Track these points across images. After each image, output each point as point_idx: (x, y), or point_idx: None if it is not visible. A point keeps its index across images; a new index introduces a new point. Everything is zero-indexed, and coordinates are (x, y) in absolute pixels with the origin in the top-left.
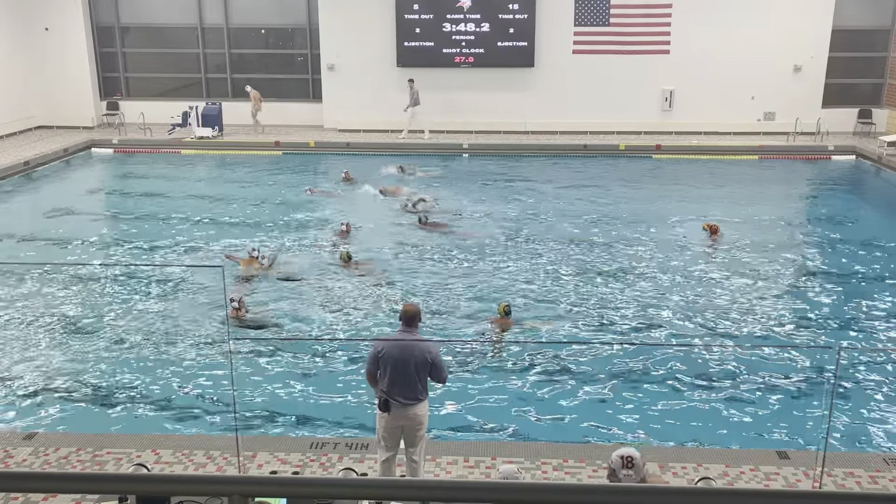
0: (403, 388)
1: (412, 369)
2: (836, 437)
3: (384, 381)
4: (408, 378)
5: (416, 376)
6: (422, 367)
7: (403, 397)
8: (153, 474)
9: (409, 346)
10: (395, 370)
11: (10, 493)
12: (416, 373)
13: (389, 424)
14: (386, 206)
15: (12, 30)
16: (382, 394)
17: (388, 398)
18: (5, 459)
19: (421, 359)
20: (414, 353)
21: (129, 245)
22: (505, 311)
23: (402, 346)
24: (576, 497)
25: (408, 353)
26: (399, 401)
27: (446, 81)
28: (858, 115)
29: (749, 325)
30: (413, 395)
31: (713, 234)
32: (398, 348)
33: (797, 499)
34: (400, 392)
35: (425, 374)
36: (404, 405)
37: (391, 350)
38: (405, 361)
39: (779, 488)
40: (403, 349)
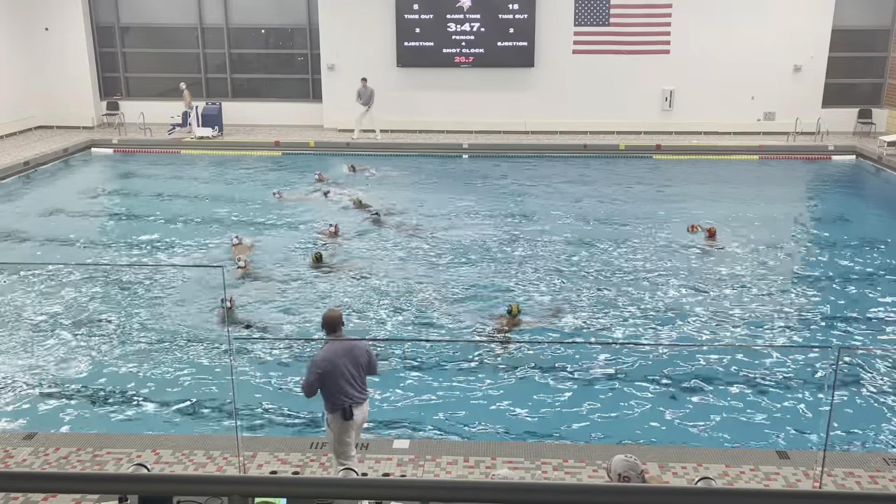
0: (357, 389)
1: (360, 369)
2: (836, 437)
3: (340, 390)
4: (359, 378)
5: (363, 375)
6: (365, 365)
7: (361, 397)
8: (153, 474)
9: (351, 348)
10: (347, 375)
11: (10, 493)
12: (362, 371)
13: (353, 429)
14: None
15: (12, 30)
16: (343, 402)
17: (351, 404)
18: (5, 459)
19: (364, 357)
20: (357, 353)
21: (129, 245)
22: (517, 311)
23: (345, 350)
24: (576, 497)
25: (353, 355)
26: (358, 402)
27: (446, 81)
28: (858, 115)
29: (749, 325)
30: (364, 393)
31: (711, 235)
32: (344, 354)
33: (797, 499)
34: (357, 394)
35: (366, 369)
36: (360, 405)
37: (336, 359)
38: (354, 364)
39: (779, 488)
40: (348, 353)
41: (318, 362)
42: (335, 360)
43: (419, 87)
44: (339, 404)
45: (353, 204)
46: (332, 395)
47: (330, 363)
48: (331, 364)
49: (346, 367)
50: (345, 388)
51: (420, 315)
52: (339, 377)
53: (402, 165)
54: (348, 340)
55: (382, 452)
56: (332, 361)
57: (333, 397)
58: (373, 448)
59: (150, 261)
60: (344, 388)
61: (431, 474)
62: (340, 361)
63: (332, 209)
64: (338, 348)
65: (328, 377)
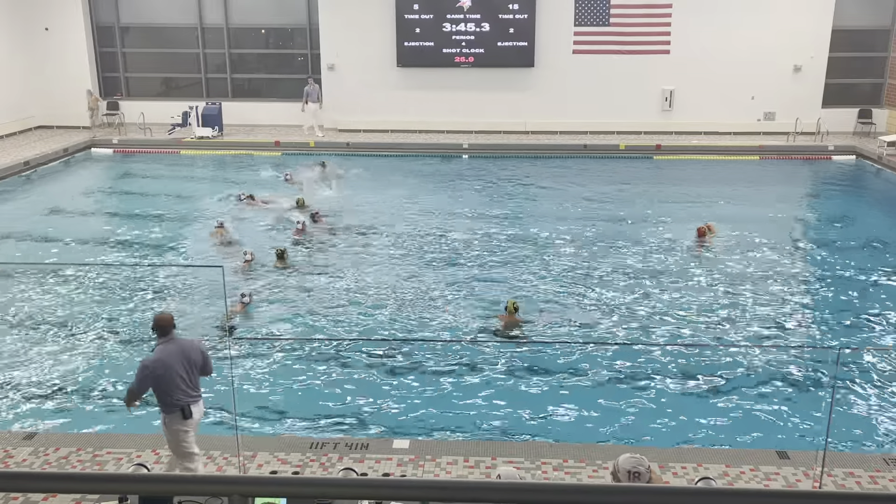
0: (192, 389)
1: (193, 370)
2: (836, 437)
3: (175, 391)
4: (193, 378)
5: (196, 375)
6: (199, 365)
7: (196, 396)
8: (153, 474)
9: (185, 349)
10: (181, 376)
11: (10, 493)
12: (196, 371)
13: (191, 427)
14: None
15: (12, 30)
16: (180, 402)
17: (189, 404)
18: (5, 459)
19: (198, 357)
20: (191, 354)
21: (128, 245)
22: (514, 308)
23: (178, 352)
24: (576, 497)
25: (186, 356)
26: (194, 401)
27: (446, 81)
28: (858, 115)
29: (749, 325)
30: (198, 391)
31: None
32: (177, 355)
33: (797, 499)
34: (192, 393)
35: (200, 369)
36: (196, 404)
37: (169, 361)
38: (188, 364)
39: (779, 488)
40: (181, 354)
41: (151, 365)
42: (168, 362)
43: (419, 87)
44: (176, 404)
45: (296, 203)
46: (167, 396)
47: (163, 365)
48: (164, 366)
49: (179, 369)
50: (180, 388)
51: (409, 314)
52: (174, 378)
53: (401, 166)
54: (181, 342)
55: (382, 452)
56: (164, 363)
57: (169, 398)
58: (373, 448)
59: (149, 261)
60: (179, 388)
61: (431, 474)
62: (174, 363)
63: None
64: (171, 350)
65: (162, 379)
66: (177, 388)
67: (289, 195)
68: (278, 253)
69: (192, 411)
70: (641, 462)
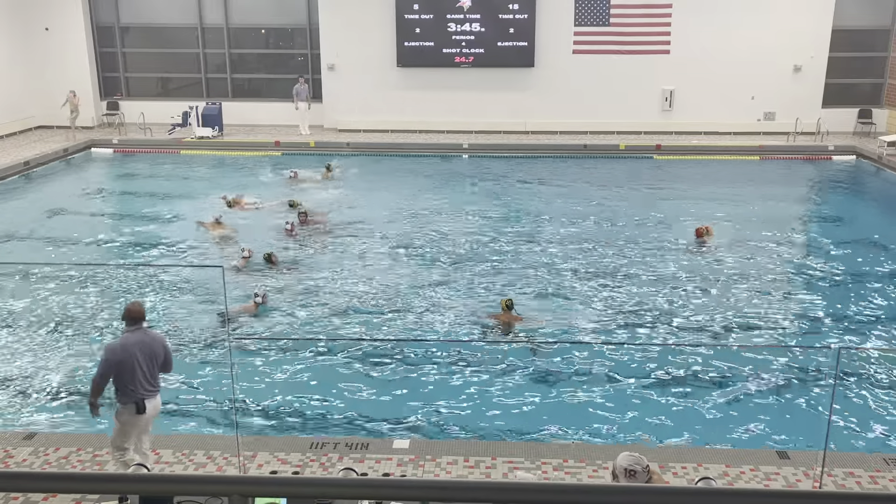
0: (150, 383)
1: (154, 364)
2: (836, 437)
3: (133, 383)
4: (152, 372)
5: (157, 368)
6: (160, 358)
7: (152, 391)
8: (153, 474)
9: (148, 341)
10: (141, 368)
11: (10, 493)
12: (156, 365)
13: (141, 423)
14: None
15: (12, 30)
16: (136, 395)
17: (144, 398)
18: (5, 459)
19: (160, 352)
20: (153, 347)
21: (128, 245)
22: (507, 306)
23: (140, 343)
24: (576, 497)
25: (149, 348)
26: (150, 395)
27: (446, 81)
28: (858, 115)
29: (749, 325)
30: (157, 385)
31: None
32: (140, 347)
33: (797, 499)
34: (150, 387)
35: (161, 364)
36: (153, 398)
37: (131, 351)
38: (149, 357)
39: (779, 488)
40: (144, 346)
41: (113, 350)
42: (131, 350)
43: (419, 87)
44: (131, 397)
45: (289, 204)
46: (124, 387)
47: (125, 352)
48: (127, 353)
49: (141, 358)
50: (138, 380)
51: (407, 314)
52: (134, 370)
53: (401, 166)
54: (146, 333)
55: (382, 452)
56: (127, 350)
57: (126, 389)
58: (373, 448)
59: (149, 261)
60: (137, 380)
61: (431, 474)
62: (136, 352)
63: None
64: (133, 341)
65: (123, 366)
66: (135, 379)
67: (277, 197)
68: (266, 257)
69: (145, 406)
70: (639, 461)
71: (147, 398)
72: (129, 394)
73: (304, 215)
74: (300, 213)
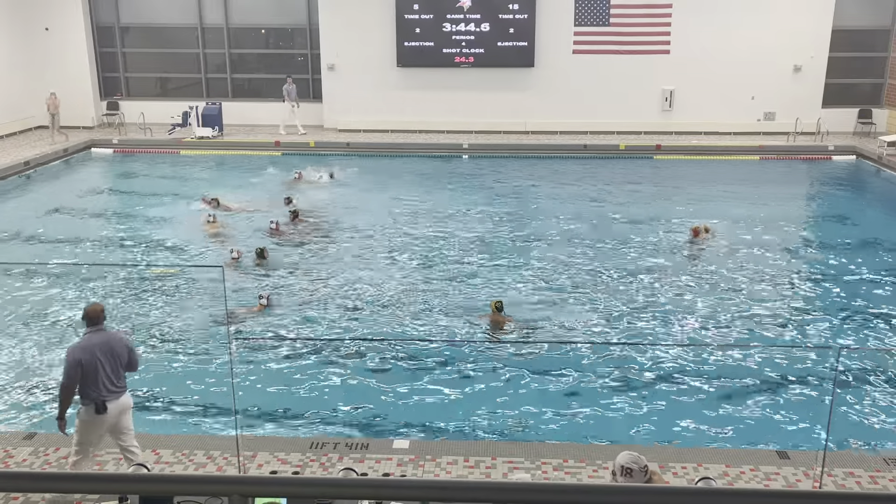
0: (114, 383)
1: (117, 364)
2: (835, 437)
3: (95, 383)
4: (116, 372)
5: (120, 368)
6: (124, 357)
7: (116, 391)
8: (153, 474)
9: (109, 341)
10: (104, 369)
11: (10, 493)
12: (120, 365)
13: (105, 424)
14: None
15: (12, 30)
16: (97, 395)
17: (105, 398)
18: (5, 459)
19: (123, 352)
20: (115, 348)
21: (128, 245)
22: (497, 308)
23: (102, 344)
24: (576, 497)
25: (111, 349)
26: (114, 396)
27: (446, 81)
28: (858, 115)
29: (749, 325)
30: (121, 386)
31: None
32: (102, 348)
33: (797, 499)
34: (113, 388)
35: (125, 363)
36: (118, 398)
37: (92, 352)
38: (111, 358)
39: (779, 488)
40: (106, 347)
41: (74, 351)
42: (92, 350)
43: (419, 87)
44: (92, 397)
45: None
46: (86, 387)
47: (87, 352)
48: (88, 353)
49: (103, 359)
50: (101, 381)
51: (406, 314)
52: (96, 370)
53: (401, 166)
54: (107, 334)
55: (382, 452)
56: (89, 350)
57: (88, 389)
58: (373, 448)
59: (149, 261)
60: (100, 381)
61: (431, 474)
62: (97, 352)
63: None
64: (95, 342)
65: (85, 367)
66: (97, 380)
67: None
68: (258, 251)
69: (106, 407)
70: (637, 460)
71: (109, 399)
72: (90, 394)
73: (295, 214)
74: (291, 212)
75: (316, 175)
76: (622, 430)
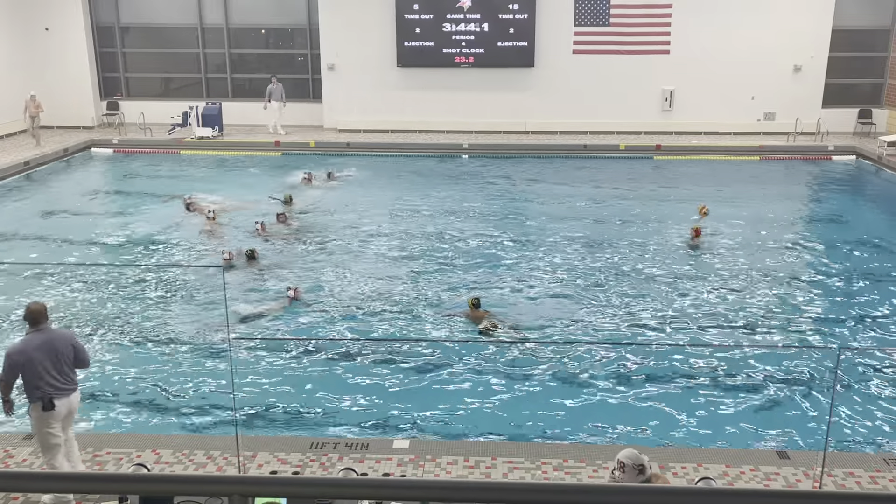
0: (58, 380)
1: (62, 361)
2: (836, 437)
3: (38, 381)
4: (61, 369)
5: (67, 365)
6: (69, 355)
7: (65, 388)
8: (153, 474)
9: (53, 340)
10: (44, 366)
11: (10, 493)
12: (66, 362)
13: (56, 419)
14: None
15: (12, 30)
16: (43, 394)
17: (52, 396)
18: (5, 459)
19: (67, 349)
20: (57, 345)
21: (128, 245)
22: (474, 304)
23: (42, 342)
24: (576, 497)
25: (52, 347)
26: (62, 393)
27: (446, 81)
28: (858, 115)
29: (749, 325)
30: (70, 383)
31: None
32: (42, 348)
33: (797, 499)
34: (58, 385)
35: (72, 361)
36: (67, 396)
37: (31, 351)
38: (55, 354)
39: (779, 488)
40: (46, 345)
41: (10, 354)
42: (29, 352)
43: (419, 87)
44: (37, 395)
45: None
46: (29, 385)
47: (23, 355)
48: (24, 356)
49: (43, 359)
50: (43, 379)
51: (404, 314)
52: (36, 368)
53: (401, 166)
54: (50, 332)
55: (382, 452)
56: (25, 353)
57: (31, 387)
58: (373, 448)
59: (148, 260)
60: (42, 378)
61: (431, 474)
62: (35, 353)
63: None
64: (34, 340)
65: (24, 369)
66: (39, 379)
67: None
68: (247, 253)
69: (53, 403)
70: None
71: (57, 396)
72: (34, 393)
73: (283, 216)
74: (278, 215)
75: (321, 177)
76: (622, 430)
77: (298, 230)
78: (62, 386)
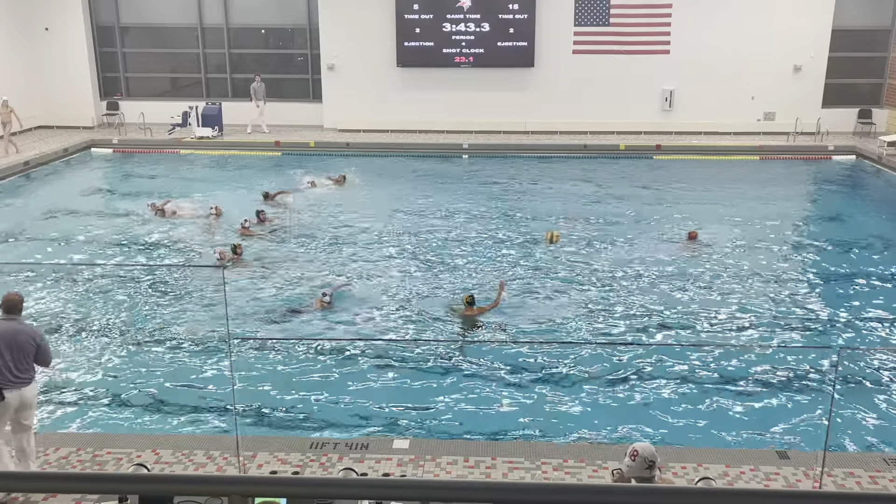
0: (12, 372)
1: (20, 354)
2: (835, 437)
3: None
4: (18, 362)
5: (26, 360)
6: (30, 350)
7: (19, 381)
8: (153, 474)
9: (14, 332)
10: (7, 358)
11: (10, 493)
12: (25, 357)
13: (5, 411)
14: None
15: (12, 30)
16: None
17: (3, 388)
18: None
19: (28, 343)
20: (20, 338)
21: (128, 245)
22: (468, 302)
23: (9, 332)
24: (576, 497)
25: (14, 338)
26: (14, 385)
27: (446, 81)
28: (858, 115)
29: (749, 325)
30: (26, 376)
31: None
32: (6, 335)
33: (797, 499)
34: (13, 377)
35: (32, 357)
36: (18, 389)
37: None
38: (16, 346)
39: (779, 488)
40: (12, 336)
41: None
42: None
43: (419, 87)
44: None
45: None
46: None
47: None
48: None
49: (3, 348)
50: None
51: (403, 313)
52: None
53: (401, 166)
54: (13, 325)
55: (382, 452)
56: None
57: None
58: (373, 448)
59: (149, 260)
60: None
61: (431, 474)
62: (3, 341)
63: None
64: (3, 329)
65: None
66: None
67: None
68: (232, 248)
69: (3, 395)
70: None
71: (8, 387)
72: None
73: (263, 213)
74: (258, 212)
75: (326, 180)
76: (622, 431)
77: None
78: (14, 379)
